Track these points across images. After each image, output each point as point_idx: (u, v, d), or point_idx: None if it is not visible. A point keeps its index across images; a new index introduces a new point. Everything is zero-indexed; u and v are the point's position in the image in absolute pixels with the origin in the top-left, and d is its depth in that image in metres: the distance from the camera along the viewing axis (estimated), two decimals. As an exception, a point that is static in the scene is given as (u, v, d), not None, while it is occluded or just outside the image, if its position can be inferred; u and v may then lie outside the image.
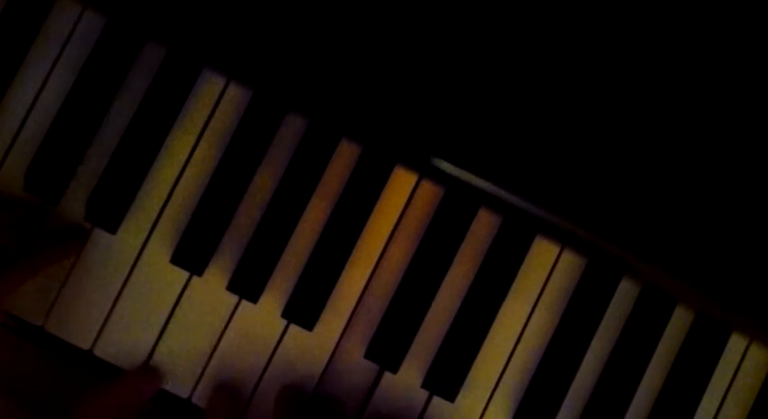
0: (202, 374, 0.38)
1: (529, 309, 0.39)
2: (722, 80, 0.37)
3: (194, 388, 0.38)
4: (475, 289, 0.39)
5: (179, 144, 0.39)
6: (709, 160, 0.38)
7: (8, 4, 0.39)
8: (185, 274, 0.39)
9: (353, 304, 0.39)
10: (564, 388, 0.39)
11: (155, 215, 0.39)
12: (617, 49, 0.37)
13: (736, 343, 0.39)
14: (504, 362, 0.39)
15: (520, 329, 0.39)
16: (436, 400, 0.39)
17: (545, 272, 0.39)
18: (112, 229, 0.38)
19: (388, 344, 0.38)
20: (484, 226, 0.39)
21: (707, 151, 0.38)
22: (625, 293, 0.39)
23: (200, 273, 0.38)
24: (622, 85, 0.37)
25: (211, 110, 0.39)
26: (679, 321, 0.39)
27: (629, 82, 0.37)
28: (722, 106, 0.37)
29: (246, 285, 0.38)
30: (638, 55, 0.37)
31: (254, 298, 0.38)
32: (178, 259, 0.38)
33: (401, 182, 0.39)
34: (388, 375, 0.39)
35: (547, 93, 0.37)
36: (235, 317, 0.39)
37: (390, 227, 0.39)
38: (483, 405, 0.39)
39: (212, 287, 0.39)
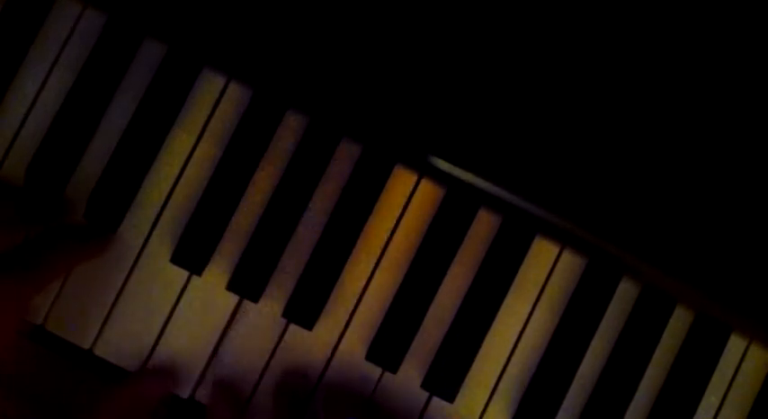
0: (203, 374, 0.38)
1: (529, 309, 0.39)
2: (722, 80, 0.37)
3: (195, 388, 0.38)
4: (475, 289, 0.39)
5: (179, 143, 0.39)
6: (709, 160, 0.38)
7: (8, 3, 0.39)
8: (185, 274, 0.39)
9: (353, 304, 0.39)
10: (564, 389, 0.39)
11: (155, 214, 0.39)
12: (617, 48, 0.37)
13: (736, 344, 0.39)
14: (503, 362, 0.39)
15: (520, 329, 0.39)
16: (436, 400, 0.39)
17: (545, 272, 0.39)
18: (113, 228, 0.38)
19: (388, 345, 0.38)
20: (484, 226, 0.39)
21: (707, 151, 0.38)
22: (625, 293, 0.39)
23: (200, 273, 0.38)
24: (622, 85, 0.37)
25: (211, 109, 0.39)
26: (679, 321, 0.39)
27: (629, 82, 0.37)
28: (722, 106, 0.37)
29: (247, 285, 0.38)
30: (637, 55, 0.37)
31: (254, 298, 0.38)
32: (178, 258, 0.38)
33: (401, 182, 0.39)
34: (387, 375, 0.39)
35: (547, 93, 0.37)
36: (235, 317, 0.39)
37: (390, 227, 0.39)
38: (483, 406, 0.39)
39: (212, 286, 0.39)
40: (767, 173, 0.38)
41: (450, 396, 0.38)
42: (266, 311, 0.39)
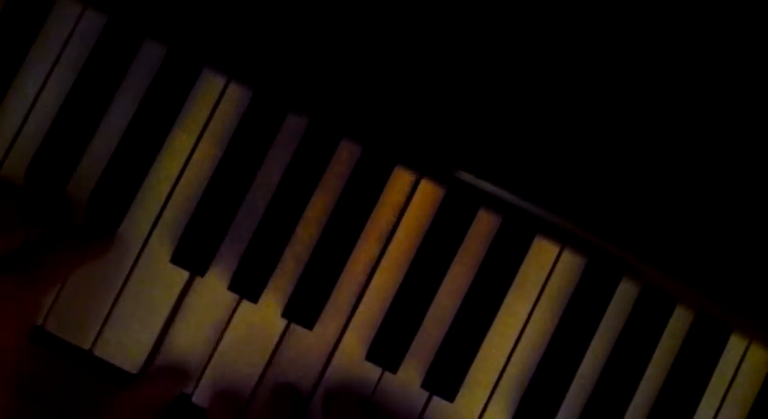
0: (203, 374, 0.38)
1: (529, 309, 0.39)
2: (722, 80, 0.37)
3: (195, 388, 0.38)
4: (475, 289, 0.39)
5: (179, 143, 0.39)
6: (709, 160, 0.38)
7: (8, 3, 0.39)
8: (185, 274, 0.39)
9: (353, 303, 0.39)
10: (564, 389, 0.39)
11: (155, 214, 0.39)
12: (616, 48, 0.37)
13: (735, 344, 0.39)
14: (503, 362, 0.39)
15: (519, 329, 0.39)
16: (436, 400, 0.39)
17: (545, 272, 0.39)
18: (113, 228, 0.38)
19: (388, 345, 0.38)
20: (484, 226, 0.39)
21: (707, 151, 0.38)
22: (625, 293, 0.39)
23: (200, 273, 0.38)
24: (622, 85, 0.37)
25: (212, 109, 0.39)
26: (679, 321, 0.39)
27: (628, 81, 0.37)
28: (722, 106, 0.37)
29: (247, 285, 0.38)
30: (637, 55, 0.37)
31: (254, 298, 0.38)
32: (178, 259, 0.38)
33: (401, 182, 0.39)
34: (387, 375, 0.39)
35: (546, 92, 0.37)
36: (235, 317, 0.39)
37: (390, 227, 0.39)
38: (483, 405, 0.39)
39: (212, 286, 0.39)
40: (767, 174, 0.38)
41: (450, 396, 0.38)
42: (266, 311, 0.39)
